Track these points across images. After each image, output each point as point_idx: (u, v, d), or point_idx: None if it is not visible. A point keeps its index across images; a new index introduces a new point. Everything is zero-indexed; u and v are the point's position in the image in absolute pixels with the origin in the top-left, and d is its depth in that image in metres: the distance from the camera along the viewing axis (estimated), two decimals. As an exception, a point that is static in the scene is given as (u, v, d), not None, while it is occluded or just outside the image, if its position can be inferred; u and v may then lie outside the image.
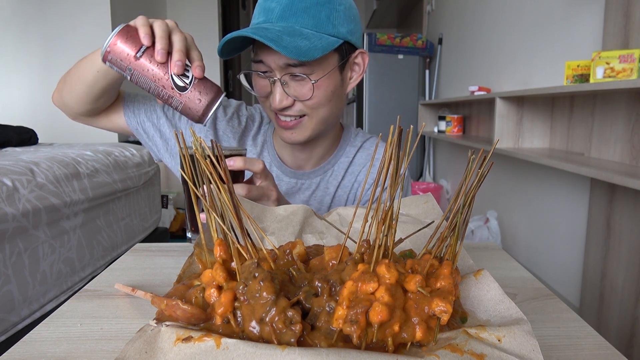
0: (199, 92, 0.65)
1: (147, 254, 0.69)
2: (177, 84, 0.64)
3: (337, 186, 0.94)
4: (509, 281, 0.58)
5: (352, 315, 0.36)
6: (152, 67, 0.64)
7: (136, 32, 0.65)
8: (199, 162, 0.45)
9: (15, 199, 1.36)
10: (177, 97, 0.65)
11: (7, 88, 3.21)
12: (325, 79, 0.79)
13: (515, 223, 2.46)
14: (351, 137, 0.97)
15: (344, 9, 0.80)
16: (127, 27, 0.66)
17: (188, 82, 0.65)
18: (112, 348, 0.42)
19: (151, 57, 0.64)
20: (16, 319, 1.34)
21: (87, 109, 0.84)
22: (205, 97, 0.65)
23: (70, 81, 0.80)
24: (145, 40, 0.64)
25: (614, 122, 1.61)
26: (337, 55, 0.80)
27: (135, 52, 0.64)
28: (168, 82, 0.64)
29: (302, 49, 0.72)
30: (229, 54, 0.80)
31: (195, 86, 0.65)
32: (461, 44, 3.32)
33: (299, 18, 0.76)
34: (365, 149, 0.96)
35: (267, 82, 0.80)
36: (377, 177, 0.41)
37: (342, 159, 0.95)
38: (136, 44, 0.64)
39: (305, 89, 0.79)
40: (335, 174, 0.94)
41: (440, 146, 3.84)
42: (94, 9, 3.10)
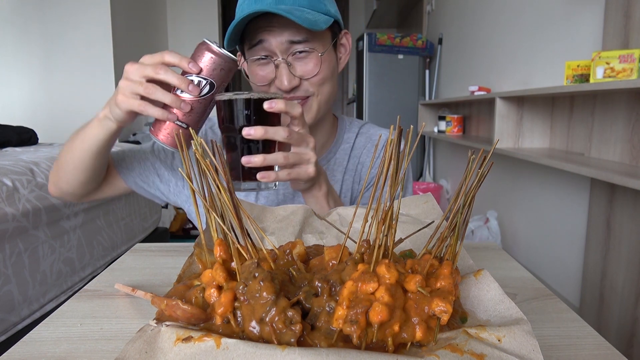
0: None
1: (147, 254, 0.69)
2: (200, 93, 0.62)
3: (343, 172, 0.95)
4: (509, 281, 0.58)
5: (352, 315, 0.36)
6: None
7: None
8: (199, 163, 0.45)
9: (15, 199, 1.36)
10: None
11: (7, 88, 3.21)
12: (327, 53, 0.81)
13: (515, 223, 2.46)
14: (347, 125, 0.99)
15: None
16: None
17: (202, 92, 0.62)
18: (112, 348, 0.42)
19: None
20: (16, 319, 1.34)
21: (88, 189, 0.82)
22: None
23: (62, 171, 0.78)
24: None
25: (614, 122, 1.61)
26: (330, 33, 0.83)
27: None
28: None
29: (311, 20, 0.74)
30: (232, 44, 0.79)
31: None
32: (461, 44, 3.32)
33: None
34: (363, 134, 0.98)
35: (269, 69, 0.80)
36: (377, 177, 0.41)
37: (342, 146, 0.96)
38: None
39: (311, 65, 0.79)
40: (338, 161, 0.95)
41: (440, 146, 3.84)
42: (94, 9, 3.10)
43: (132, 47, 3.49)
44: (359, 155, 0.97)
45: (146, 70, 0.60)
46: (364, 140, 0.98)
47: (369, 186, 0.93)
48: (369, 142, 0.97)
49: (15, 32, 3.13)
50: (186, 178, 0.44)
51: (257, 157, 0.61)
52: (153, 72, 0.60)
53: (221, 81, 0.62)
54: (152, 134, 0.64)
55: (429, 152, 4.02)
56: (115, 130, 0.69)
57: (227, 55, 0.61)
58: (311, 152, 0.67)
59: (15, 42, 3.14)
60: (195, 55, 0.61)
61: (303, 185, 0.71)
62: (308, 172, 0.67)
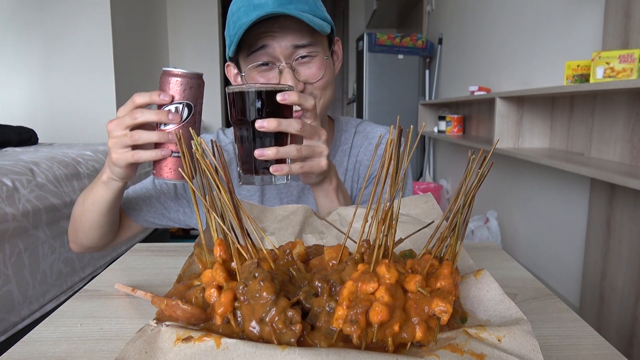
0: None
1: (147, 254, 0.69)
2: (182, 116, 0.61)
3: (344, 173, 0.95)
4: (509, 281, 0.58)
5: (352, 315, 0.36)
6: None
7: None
8: (199, 162, 0.45)
9: (15, 199, 1.36)
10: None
11: (7, 88, 3.21)
12: (329, 58, 0.82)
13: (515, 223, 2.46)
14: (343, 126, 0.98)
15: (321, 2, 0.83)
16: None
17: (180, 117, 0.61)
18: (112, 348, 0.42)
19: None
20: (16, 319, 1.34)
21: (107, 240, 0.83)
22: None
23: (80, 230, 0.79)
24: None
25: (614, 122, 1.61)
26: (327, 39, 0.84)
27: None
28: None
29: (317, 23, 0.74)
30: (234, 50, 0.78)
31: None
32: (461, 44, 3.32)
33: (296, 5, 0.76)
34: (360, 132, 0.98)
35: (271, 75, 0.79)
36: (377, 177, 0.41)
37: (341, 148, 0.96)
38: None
39: (314, 69, 0.79)
40: (338, 163, 0.95)
41: (440, 146, 3.84)
42: (94, 9, 3.09)
43: (132, 47, 3.49)
44: (356, 154, 0.96)
45: (125, 121, 0.61)
46: (361, 139, 0.97)
47: (369, 184, 0.93)
48: (365, 140, 0.97)
49: (15, 32, 3.13)
50: (186, 178, 0.44)
51: (270, 150, 0.61)
52: (131, 119, 0.60)
53: (196, 99, 0.61)
54: (157, 176, 0.63)
55: (429, 152, 4.02)
56: (121, 188, 0.70)
57: (190, 73, 0.60)
58: (323, 144, 0.67)
59: (15, 42, 3.14)
60: (162, 86, 0.60)
61: (315, 178, 0.71)
62: (320, 165, 0.67)
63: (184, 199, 0.89)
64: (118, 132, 0.61)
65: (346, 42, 6.04)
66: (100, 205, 0.72)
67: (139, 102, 0.61)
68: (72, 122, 3.20)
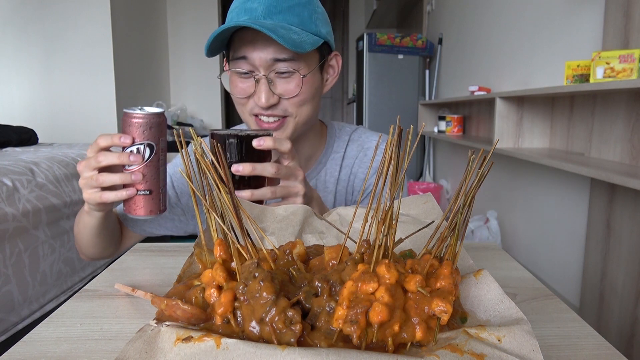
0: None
1: (147, 254, 0.69)
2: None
3: (336, 183, 0.94)
4: (509, 281, 0.58)
5: (352, 316, 0.36)
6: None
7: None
8: (199, 163, 0.45)
9: (15, 199, 1.36)
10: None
11: (7, 88, 3.21)
12: (310, 75, 0.80)
13: (515, 223, 2.46)
14: (336, 132, 0.97)
15: (322, 12, 0.82)
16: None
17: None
18: (112, 348, 0.42)
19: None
20: (16, 319, 1.34)
21: (111, 250, 0.87)
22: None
23: (83, 245, 0.83)
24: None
25: (614, 122, 1.61)
26: (318, 54, 0.82)
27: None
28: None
29: (296, 41, 0.73)
30: (213, 52, 0.79)
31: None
32: (461, 44, 3.32)
33: (285, 16, 0.76)
34: (354, 141, 0.96)
35: (250, 83, 0.79)
36: (377, 177, 0.41)
37: (332, 156, 0.94)
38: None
39: (292, 85, 0.78)
40: (329, 171, 0.94)
41: (440, 146, 3.84)
42: (94, 9, 3.10)
43: (132, 47, 3.49)
44: (350, 165, 0.94)
45: (91, 163, 0.63)
46: (356, 149, 0.95)
47: (367, 193, 0.92)
48: (360, 151, 0.95)
49: (15, 32, 3.13)
50: (186, 178, 0.44)
51: (245, 193, 0.65)
52: (96, 162, 0.63)
53: (157, 138, 0.63)
54: (126, 212, 0.66)
55: (429, 152, 4.02)
56: (103, 215, 0.73)
57: (149, 114, 0.62)
58: (299, 184, 0.70)
59: (15, 42, 3.14)
60: (123, 127, 0.62)
61: None
62: (296, 205, 0.68)
63: (178, 207, 0.90)
64: (86, 174, 0.64)
65: (346, 42, 6.04)
66: (91, 228, 0.76)
67: (102, 145, 0.63)
68: (72, 122, 3.21)
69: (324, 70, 0.86)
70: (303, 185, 0.70)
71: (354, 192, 0.95)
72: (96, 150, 0.63)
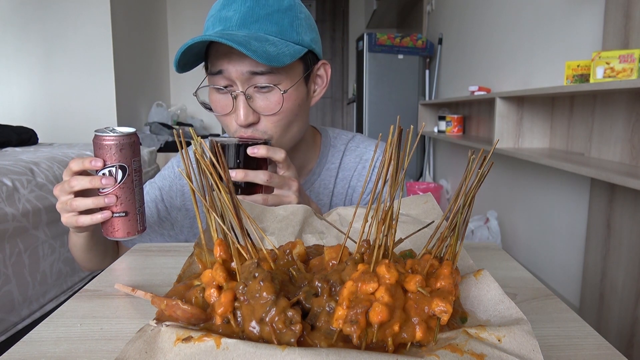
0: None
1: (147, 254, 0.69)
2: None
3: (330, 195, 0.89)
4: (509, 281, 0.58)
5: (352, 316, 0.36)
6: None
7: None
8: (199, 163, 0.45)
9: (15, 199, 1.36)
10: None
11: (7, 88, 3.21)
12: (293, 89, 0.74)
13: (515, 223, 2.46)
14: (331, 141, 0.91)
15: (305, 17, 0.76)
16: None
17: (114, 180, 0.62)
18: (112, 348, 0.42)
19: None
20: (16, 319, 1.34)
21: (111, 261, 0.84)
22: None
23: (81, 261, 0.82)
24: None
25: (614, 122, 1.61)
26: (302, 65, 0.76)
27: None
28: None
29: (272, 54, 0.67)
30: (185, 67, 0.74)
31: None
32: (461, 44, 3.32)
33: (262, 25, 0.71)
34: (351, 151, 0.90)
35: (228, 99, 0.74)
36: (377, 177, 0.41)
37: (327, 166, 0.89)
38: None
39: (272, 101, 0.73)
40: (324, 183, 0.89)
41: (440, 146, 3.84)
42: (94, 9, 3.10)
43: (132, 47, 3.49)
44: (349, 177, 0.89)
45: (65, 187, 0.63)
46: (354, 160, 0.89)
47: (367, 194, 0.89)
48: (359, 163, 0.89)
49: (15, 32, 3.13)
50: (186, 178, 0.44)
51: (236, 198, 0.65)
52: (69, 187, 0.62)
53: (130, 159, 0.62)
54: (105, 235, 0.65)
55: (429, 152, 4.02)
56: (90, 235, 0.73)
57: (119, 135, 0.61)
58: (293, 195, 0.69)
59: (15, 42, 3.14)
60: (94, 150, 0.61)
61: None
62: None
63: (168, 221, 0.88)
64: (62, 198, 0.64)
65: (346, 42, 6.04)
66: (80, 246, 0.76)
67: (74, 170, 0.62)
68: (72, 122, 3.21)
69: (311, 81, 0.80)
70: (296, 195, 0.69)
71: (353, 205, 0.91)
72: (69, 175, 0.63)
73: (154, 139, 3.24)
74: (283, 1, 0.74)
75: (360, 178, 0.89)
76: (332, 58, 6.11)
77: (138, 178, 0.63)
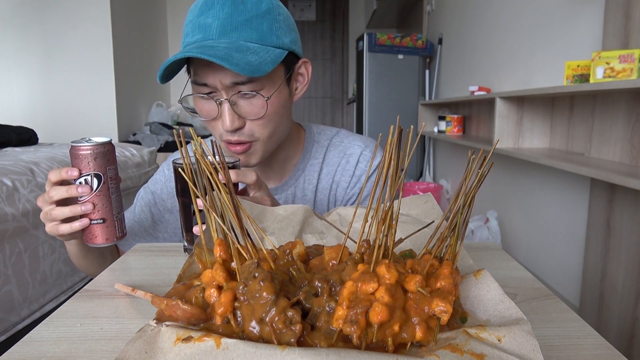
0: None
1: (147, 254, 0.69)
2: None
3: (315, 190, 0.90)
4: (509, 281, 0.58)
5: (352, 316, 0.36)
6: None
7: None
8: (199, 162, 0.45)
9: (15, 199, 1.36)
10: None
11: (7, 88, 3.21)
12: (276, 93, 0.75)
13: (515, 223, 2.46)
14: (315, 137, 0.92)
15: (284, 19, 0.76)
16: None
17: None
18: (112, 348, 0.42)
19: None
20: (16, 319, 1.34)
21: (109, 265, 0.87)
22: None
23: (84, 269, 0.83)
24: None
25: (614, 122, 1.61)
26: (283, 67, 0.77)
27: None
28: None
29: (254, 64, 0.68)
30: (168, 78, 0.74)
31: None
32: (461, 44, 3.32)
33: (242, 32, 0.71)
34: (335, 146, 0.91)
35: (213, 105, 0.75)
36: (377, 177, 0.41)
37: (311, 162, 0.90)
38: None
39: (257, 106, 0.74)
40: (308, 178, 0.90)
41: (440, 146, 3.84)
42: (94, 9, 3.10)
43: (132, 47, 3.49)
44: (332, 173, 0.90)
45: (45, 198, 0.65)
46: (338, 155, 0.91)
47: (366, 194, 0.89)
48: (343, 158, 0.90)
49: (15, 32, 3.13)
50: (186, 178, 0.44)
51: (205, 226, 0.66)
52: (49, 197, 0.64)
53: (105, 167, 0.64)
54: (86, 241, 0.67)
55: (429, 152, 4.02)
56: (79, 242, 0.74)
57: (93, 145, 0.63)
58: None
59: (15, 42, 3.14)
60: (72, 161, 0.64)
61: None
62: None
63: (162, 223, 0.90)
64: (44, 208, 0.66)
65: (346, 42, 6.04)
66: (74, 254, 0.77)
67: (53, 180, 0.64)
68: (72, 122, 3.21)
69: (293, 79, 0.81)
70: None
71: (337, 202, 0.91)
72: (49, 185, 0.65)
73: (154, 139, 3.24)
74: (261, 4, 0.73)
75: (344, 173, 0.90)
76: (332, 58, 6.11)
77: (114, 185, 0.66)
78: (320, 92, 6.12)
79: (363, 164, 0.90)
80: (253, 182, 0.67)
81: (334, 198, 0.91)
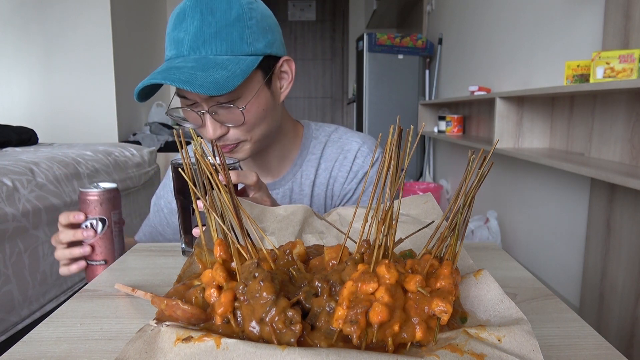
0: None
1: (147, 254, 0.69)
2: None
3: (312, 185, 0.91)
4: (509, 281, 0.58)
5: (352, 316, 0.36)
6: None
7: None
8: (199, 162, 0.45)
9: (15, 199, 1.36)
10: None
11: (7, 88, 3.21)
12: (253, 100, 0.75)
13: (515, 223, 2.46)
14: (312, 133, 0.93)
15: (256, 22, 0.74)
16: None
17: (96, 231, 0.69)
18: (112, 348, 0.42)
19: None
20: (16, 319, 1.34)
21: None
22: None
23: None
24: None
25: (614, 122, 1.61)
26: (260, 72, 0.76)
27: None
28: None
29: (220, 81, 0.68)
30: (146, 97, 0.75)
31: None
32: (461, 44, 3.32)
33: (211, 45, 0.71)
34: (333, 142, 0.92)
35: (197, 114, 0.76)
36: (377, 177, 0.41)
37: (309, 157, 0.91)
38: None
39: (236, 115, 0.75)
40: (305, 173, 0.91)
41: (440, 146, 3.84)
42: (94, 9, 3.10)
43: (132, 47, 3.49)
44: (329, 168, 0.91)
45: (57, 239, 0.70)
46: (335, 151, 0.91)
47: (366, 194, 0.90)
48: (340, 154, 0.91)
49: (15, 32, 3.13)
50: (186, 178, 0.44)
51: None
52: (57, 240, 0.70)
53: (109, 212, 0.68)
54: (88, 281, 0.69)
55: (429, 152, 4.02)
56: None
57: (100, 191, 0.68)
58: None
59: (15, 42, 3.14)
60: (79, 205, 0.69)
61: None
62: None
63: (170, 227, 0.96)
64: (57, 247, 0.71)
65: (346, 42, 6.04)
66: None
67: (62, 223, 0.70)
68: (72, 122, 3.21)
69: (276, 79, 0.81)
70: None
71: (334, 198, 0.91)
72: (60, 227, 0.70)
73: (154, 139, 3.24)
74: (230, 12, 0.72)
75: (342, 168, 0.91)
76: (332, 58, 6.11)
77: (118, 229, 0.70)
78: (320, 92, 6.12)
79: (360, 159, 0.91)
80: (253, 183, 0.68)
81: (331, 193, 0.92)
